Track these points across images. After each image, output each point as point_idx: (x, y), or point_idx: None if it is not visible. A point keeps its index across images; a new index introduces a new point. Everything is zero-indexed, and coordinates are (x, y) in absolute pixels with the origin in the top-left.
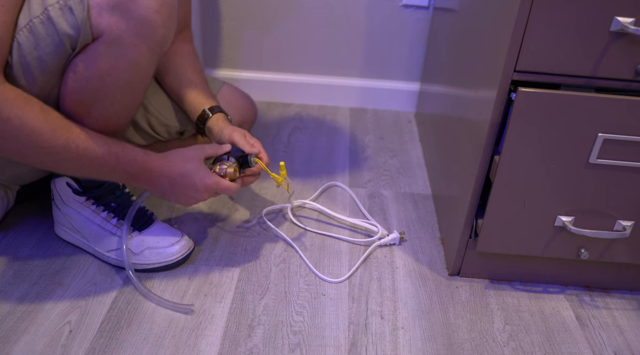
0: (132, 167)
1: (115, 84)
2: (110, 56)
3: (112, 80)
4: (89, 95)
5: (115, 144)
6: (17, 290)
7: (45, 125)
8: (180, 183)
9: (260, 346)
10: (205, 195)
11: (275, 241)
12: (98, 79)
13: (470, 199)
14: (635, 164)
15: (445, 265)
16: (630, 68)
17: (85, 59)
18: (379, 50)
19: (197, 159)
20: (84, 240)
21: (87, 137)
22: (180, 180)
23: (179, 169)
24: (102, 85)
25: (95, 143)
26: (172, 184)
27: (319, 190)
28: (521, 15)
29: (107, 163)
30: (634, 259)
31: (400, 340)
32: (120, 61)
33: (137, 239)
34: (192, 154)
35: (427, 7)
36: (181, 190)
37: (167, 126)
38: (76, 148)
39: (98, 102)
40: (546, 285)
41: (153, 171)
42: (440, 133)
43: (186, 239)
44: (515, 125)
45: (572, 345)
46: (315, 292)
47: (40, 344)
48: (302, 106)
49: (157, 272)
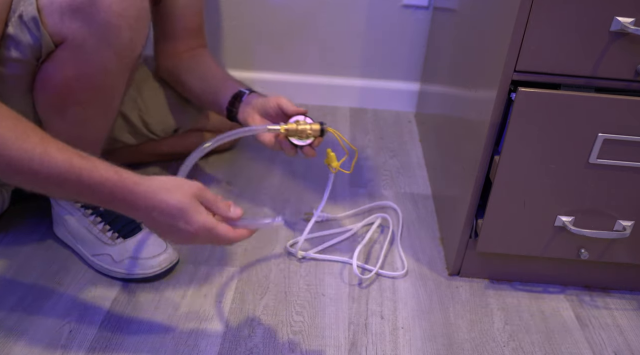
0: (100, 189)
1: (85, 89)
2: (76, 62)
3: (80, 85)
4: (60, 101)
5: (83, 159)
6: (17, 290)
7: (9, 132)
8: (165, 219)
9: (260, 346)
10: (199, 237)
11: (275, 241)
12: (66, 85)
13: (470, 199)
14: (635, 164)
15: (445, 265)
16: (630, 68)
17: (52, 66)
18: (379, 50)
19: (190, 194)
20: (74, 241)
21: (46, 147)
22: (165, 216)
23: (164, 200)
24: (71, 90)
25: (56, 155)
26: (154, 217)
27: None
28: (521, 15)
29: (67, 181)
30: (634, 259)
31: (400, 340)
32: (87, 66)
33: (120, 247)
34: (187, 186)
35: (427, 7)
36: (167, 227)
37: (163, 123)
38: (30, 160)
39: (70, 108)
40: (546, 285)
41: (127, 199)
42: (440, 133)
43: (170, 252)
44: (515, 125)
45: (572, 345)
46: (315, 292)
47: (40, 344)
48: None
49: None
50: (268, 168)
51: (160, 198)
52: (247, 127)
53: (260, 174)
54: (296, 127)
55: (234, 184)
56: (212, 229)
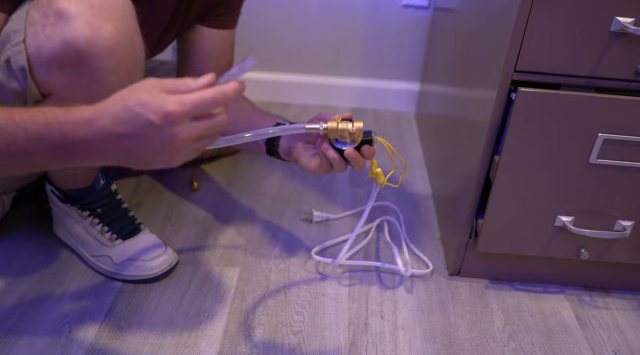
0: (49, 133)
1: None
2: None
3: None
4: None
5: (26, 110)
6: (17, 290)
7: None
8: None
9: (260, 346)
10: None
11: (275, 241)
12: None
13: (470, 199)
14: (635, 164)
15: (445, 265)
16: (630, 68)
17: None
18: (379, 50)
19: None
20: (75, 241)
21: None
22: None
23: (122, 107)
24: None
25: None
26: (123, 135)
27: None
28: (521, 15)
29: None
30: (634, 259)
31: (400, 340)
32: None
33: (119, 248)
34: (139, 85)
35: (427, 7)
36: (142, 136)
37: None
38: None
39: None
40: (546, 285)
41: (81, 130)
42: (440, 133)
43: (169, 253)
44: (515, 125)
45: (572, 345)
46: (315, 292)
47: (40, 344)
48: (302, 106)
49: (138, 283)
50: (268, 168)
51: (117, 108)
52: (285, 126)
53: (260, 174)
54: (336, 125)
55: (234, 184)
56: (185, 98)
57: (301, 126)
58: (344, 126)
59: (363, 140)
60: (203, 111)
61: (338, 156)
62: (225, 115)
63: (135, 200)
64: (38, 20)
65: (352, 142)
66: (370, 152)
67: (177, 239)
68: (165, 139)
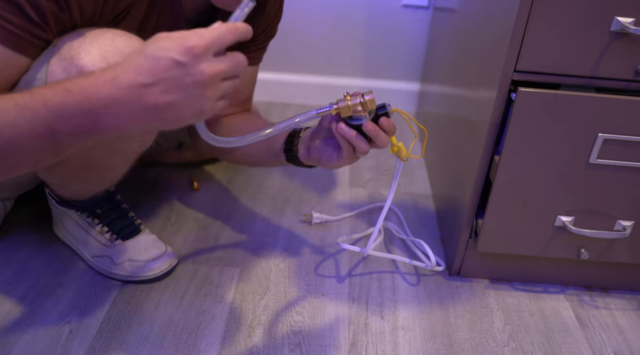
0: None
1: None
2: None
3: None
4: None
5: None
6: (17, 290)
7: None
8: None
9: (260, 346)
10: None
11: (275, 241)
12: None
13: (470, 199)
14: (635, 164)
15: (445, 265)
16: (630, 68)
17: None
18: (379, 50)
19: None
20: (75, 241)
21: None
22: (152, 73)
23: (140, 58)
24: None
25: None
26: (146, 87)
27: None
28: (521, 15)
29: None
30: (634, 259)
31: (400, 340)
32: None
33: (119, 249)
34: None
35: (427, 7)
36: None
37: (167, 135)
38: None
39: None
40: (546, 285)
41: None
42: (440, 133)
43: (169, 254)
44: (515, 125)
45: (572, 345)
46: (315, 292)
47: (40, 344)
48: (302, 106)
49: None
50: (268, 168)
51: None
52: (297, 116)
53: (260, 174)
54: (346, 101)
55: (234, 184)
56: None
57: (312, 112)
58: (355, 100)
59: (379, 114)
60: (222, 44)
61: (356, 133)
62: (242, 54)
63: (135, 200)
64: (59, 74)
65: (368, 115)
66: (390, 125)
67: (177, 239)
68: (194, 77)
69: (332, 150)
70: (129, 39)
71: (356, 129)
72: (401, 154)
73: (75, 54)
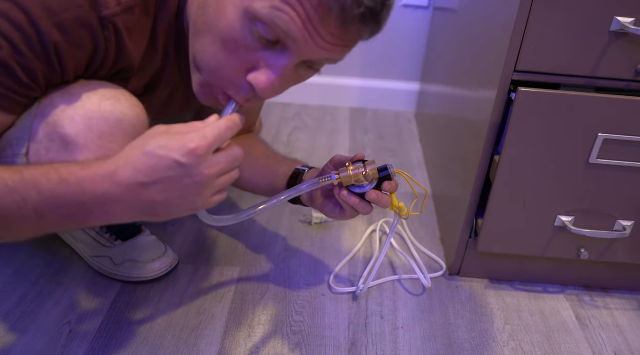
0: (66, 192)
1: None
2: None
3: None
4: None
5: (35, 168)
6: (17, 290)
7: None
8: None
9: (260, 346)
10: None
11: (275, 241)
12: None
13: (470, 199)
14: (635, 164)
15: (446, 265)
16: (630, 68)
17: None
18: (379, 50)
19: (158, 133)
20: (74, 241)
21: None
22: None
23: (140, 154)
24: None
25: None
26: (144, 186)
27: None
28: (521, 15)
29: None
30: (634, 259)
31: (400, 340)
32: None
33: (119, 249)
34: (150, 132)
35: (427, 7)
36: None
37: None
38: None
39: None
40: (546, 285)
41: (100, 184)
42: (440, 133)
43: (169, 255)
44: (515, 125)
45: (572, 345)
46: (315, 292)
47: (40, 344)
48: (302, 106)
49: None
50: None
51: (138, 155)
52: (298, 186)
53: None
54: (349, 171)
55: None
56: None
57: (315, 182)
58: (357, 170)
59: (381, 177)
60: (223, 142)
61: (359, 200)
62: (239, 147)
63: None
64: (42, 139)
65: (371, 183)
66: (393, 187)
67: (177, 239)
68: (193, 178)
69: (334, 206)
70: (117, 102)
71: (359, 195)
72: (402, 213)
73: (58, 121)
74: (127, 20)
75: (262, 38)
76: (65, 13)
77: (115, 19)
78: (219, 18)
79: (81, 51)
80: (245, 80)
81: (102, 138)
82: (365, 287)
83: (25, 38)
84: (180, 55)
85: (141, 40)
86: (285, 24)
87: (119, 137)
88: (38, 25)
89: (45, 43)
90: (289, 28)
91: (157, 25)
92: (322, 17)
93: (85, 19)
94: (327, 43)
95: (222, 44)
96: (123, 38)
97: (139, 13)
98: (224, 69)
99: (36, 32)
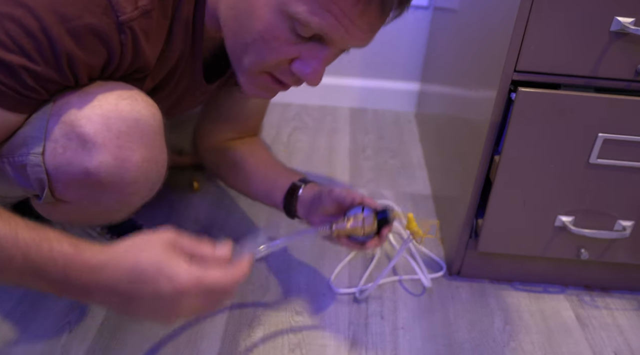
0: (51, 267)
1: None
2: (81, 211)
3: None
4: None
5: (32, 230)
6: (17, 290)
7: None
8: (141, 287)
9: (260, 346)
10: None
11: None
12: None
13: (470, 199)
14: (635, 164)
15: (446, 265)
16: (630, 68)
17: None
18: (379, 50)
19: (162, 245)
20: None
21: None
22: (140, 284)
23: (134, 261)
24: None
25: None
26: (127, 291)
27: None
28: (521, 15)
29: (12, 262)
30: (634, 259)
31: (400, 340)
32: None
33: None
34: (156, 238)
35: (427, 7)
36: (147, 299)
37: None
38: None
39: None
40: (546, 285)
41: (84, 275)
42: (440, 133)
43: None
44: (515, 125)
45: (572, 345)
46: (315, 292)
47: (40, 344)
48: (302, 106)
49: None
50: None
51: (129, 264)
52: (295, 233)
53: None
54: (346, 226)
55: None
56: (202, 276)
57: (312, 231)
58: (355, 224)
59: (379, 220)
60: (213, 294)
61: (360, 246)
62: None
63: None
64: (59, 138)
65: (367, 235)
66: (391, 229)
67: None
68: (170, 308)
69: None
70: (134, 102)
71: (359, 242)
72: (415, 236)
73: (75, 120)
74: (144, 24)
75: (300, 35)
76: (78, 19)
77: (132, 23)
78: (253, 20)
79: (95, 57)
80: (289, 68)
81: (120, 137)
82: (365, 293)
83: (37, 44)
84: (194, 55)
85: (157, 42)
86: (323, 27)
87: (136, 136)
88: (50, 32)
89: (56, 50)
90: (327, 30)
91: (174, 26)
92: (361, 11)
93: (98, 26)
94: (364, 33)
95: (262, 42)
96: (140, 41)
97: (157, 16)
98: (268, 62)
99: (47, 39)
